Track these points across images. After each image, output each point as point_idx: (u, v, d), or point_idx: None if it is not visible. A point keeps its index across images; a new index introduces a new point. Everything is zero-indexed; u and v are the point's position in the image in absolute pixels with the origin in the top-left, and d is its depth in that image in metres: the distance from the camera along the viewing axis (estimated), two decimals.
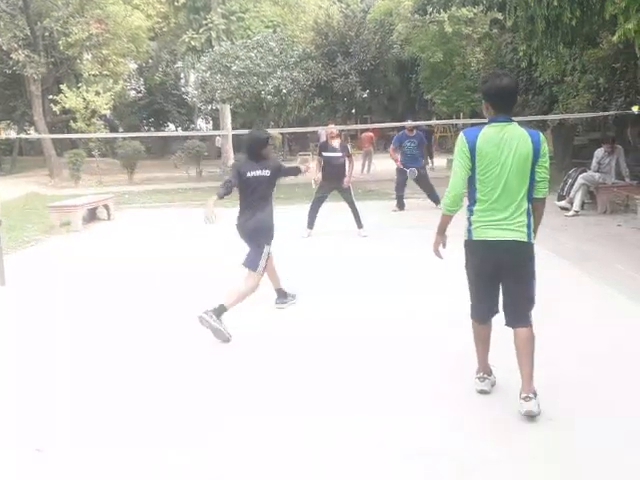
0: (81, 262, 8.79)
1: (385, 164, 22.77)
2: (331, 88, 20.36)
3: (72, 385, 4.44)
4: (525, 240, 3.69)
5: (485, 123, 3.70)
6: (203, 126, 45.28)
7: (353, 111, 24.27)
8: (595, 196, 11.78)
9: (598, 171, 11.61)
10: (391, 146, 13.38)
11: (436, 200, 12.17)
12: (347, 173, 10.08)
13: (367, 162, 23.85)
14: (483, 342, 4.02)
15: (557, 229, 9.85)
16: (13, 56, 23.78)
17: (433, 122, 25.38)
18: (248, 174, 5.66)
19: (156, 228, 12.06)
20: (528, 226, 3.69)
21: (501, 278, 3.81)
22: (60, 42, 24.55)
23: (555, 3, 9.44)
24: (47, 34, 25.81)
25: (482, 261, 3.81)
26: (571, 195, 11.54)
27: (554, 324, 5.10)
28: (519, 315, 3.80)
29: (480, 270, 3.85)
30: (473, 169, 3.65)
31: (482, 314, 3.96)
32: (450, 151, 30.49)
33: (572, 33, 10.83)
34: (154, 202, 16.67)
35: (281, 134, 27.76)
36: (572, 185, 11.66)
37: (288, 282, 6.32)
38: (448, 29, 24.30)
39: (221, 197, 5.46)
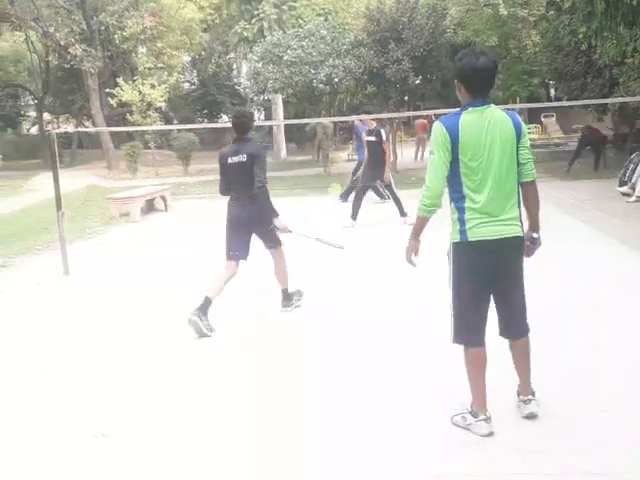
0: (141, 254, 8.97)
1: None
2: (383, 75, 20.17)
3: (122, 375, 4.56)
4: (521, 235, 3.35)
5: (460, 109, 3.30)
6: (256, 116, 45.55)
7: (406, 98, 23.97)
8: None
9: None
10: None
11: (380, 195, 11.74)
12: (386, 167, 10.05)
13: (421, 149, 23.64)
14: (483, 370, 3.39)
15: (618, 215, 9.62)
16: (71, 50, 24.32)
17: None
18: (229, 160, 5.47)
19: (211, 220, 12.17)
20: (520, 219, 3.36)
21: (495, 283, 3.38)
22: (116, 36, 25.04)
23: None
24: (103, 28, 26.35)
25: (481, 265, 3.31)
26: (633, 180, 11.21)
27: (609, 309, 5.01)
28: (521, 324, 3.47)
29: (478, 277, 3.32)
30: (456, 161, 3.22)
31: (480, 334, 3.39)
32: None
33: (633, 13, 10.50)
34: (209, 193, 16.87)
35: (333, 123, 27.65)
36: (634, 170, 11.32)
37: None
38: (503, 12, 23.80)
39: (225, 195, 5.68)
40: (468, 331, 3.37)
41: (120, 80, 25.04)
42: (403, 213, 10.06)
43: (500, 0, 22.58)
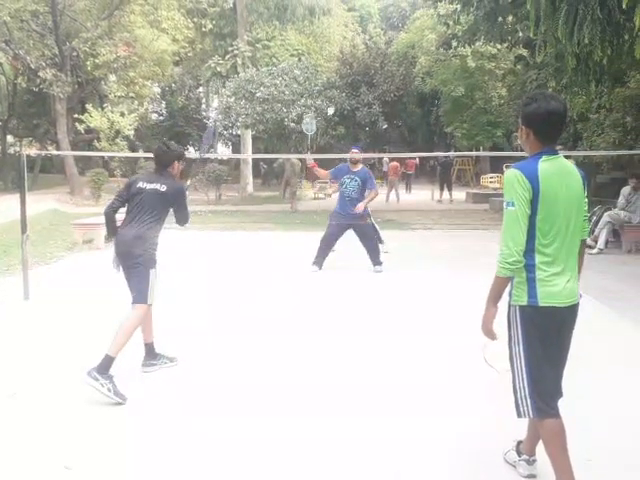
0: (104, 280, 8.76)
1: (405, 194, 22.67)
2: (354, 117, 20.50)
3: (88, 403, 4.40)
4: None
5: (533, 156, 2.99)
6: (223, 150, 45.73)
7: (368, 141, 24.42)
8: (619, 235, 11.69)
9: (624, 209, 11.54)
10: (328, 173, 10.27)
11: (376, 261, 9.54)
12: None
13: (394, 191, 23.75)
14: (566, 444, 2.98)
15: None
16: (41, 74, 24.16)
17: (452, 153, 25.42)
18: (140, 185, 5.03)
19: (175, 250, 12.05)
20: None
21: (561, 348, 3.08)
22: (88, 63, 24.96)
23: (586, 41, 9.49)
24: (75, 54, 26.26)
25: (552, 332, 2.98)
26: (595, 233, 11.46)
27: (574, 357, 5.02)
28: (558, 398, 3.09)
29: (551, 344, 2.99)
30: (533, 213, 2.89)
31: (555, 403, 3.03)
32: (468, 185, 30.51)
33: (601, 71, 10.89)
34: (173, 223, 16.73)
35: (300, 161, 27.84)
36: (597, 223, 11.59)
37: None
38: (471, 64, 24.56)
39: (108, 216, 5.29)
40: (544, 402, 2.99)
41: (89, 106, 24.90)
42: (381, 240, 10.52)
43: (468, 52, 23.26)
